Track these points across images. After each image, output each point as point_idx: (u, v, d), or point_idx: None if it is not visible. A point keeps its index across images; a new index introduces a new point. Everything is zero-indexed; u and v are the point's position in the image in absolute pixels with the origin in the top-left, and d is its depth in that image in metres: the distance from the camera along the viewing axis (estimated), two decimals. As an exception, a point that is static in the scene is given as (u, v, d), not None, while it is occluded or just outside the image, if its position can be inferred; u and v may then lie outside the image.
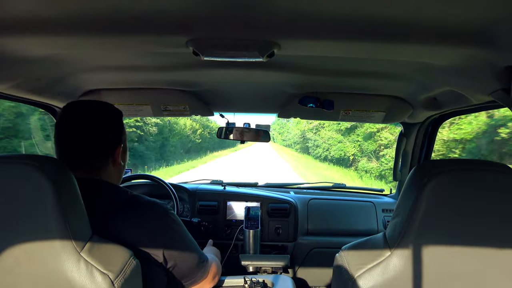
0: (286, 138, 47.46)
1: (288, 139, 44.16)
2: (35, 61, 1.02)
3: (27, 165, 0.72)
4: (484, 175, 0.71)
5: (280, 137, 55.06)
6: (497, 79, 0.89)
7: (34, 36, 0.84)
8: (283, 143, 49.94)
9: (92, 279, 0.73)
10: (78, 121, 0.97)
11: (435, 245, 0.72)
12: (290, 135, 41.38)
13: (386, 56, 0.98)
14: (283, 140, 51.08)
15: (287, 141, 45.88)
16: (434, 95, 1.38)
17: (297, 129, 30.42)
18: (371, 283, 0.75)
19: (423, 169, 0.74)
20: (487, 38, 0.76)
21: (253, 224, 1.91)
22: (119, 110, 1.06)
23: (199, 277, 1.06)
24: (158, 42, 0.91)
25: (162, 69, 1.28)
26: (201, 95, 1.65)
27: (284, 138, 49.75)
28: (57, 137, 0.98)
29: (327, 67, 1.23)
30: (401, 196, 0.78)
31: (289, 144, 42.46)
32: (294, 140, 35.09)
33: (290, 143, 41.68)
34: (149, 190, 2.08)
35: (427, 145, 1.91)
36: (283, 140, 51.22)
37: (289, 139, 41.60)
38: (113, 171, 1.02)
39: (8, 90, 1.18)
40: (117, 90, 1.56)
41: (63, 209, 0.72)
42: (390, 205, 2.16)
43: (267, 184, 2.49)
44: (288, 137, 43.48)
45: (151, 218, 0.95)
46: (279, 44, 0.88)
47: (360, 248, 0.84)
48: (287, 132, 46.80)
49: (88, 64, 1.21)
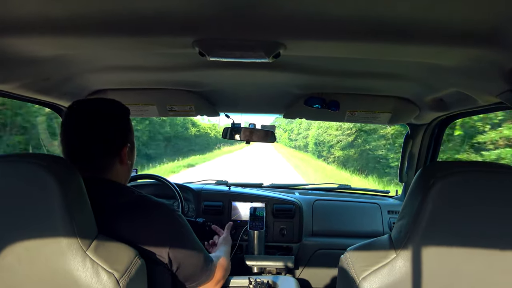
0: (296, 137, 36.14)
1: (298, 138, 34.26)
2: (42, 61, 1.03)
3: (34, 164, 0.73)
4: (490, 177, 0.70)
5: (286, 136, 43.72)
6: (505, 80, 0.88)
7: (41, 37, 0.85)
8: (291, 143, 39.30)
9: (98, 278, 0.74)
10: (84, 119, 0.97)
11: (441, 246, 0.71)
12: (303, 133, 30.72)
13: (392, 56, 0.98)
14: (291, 140, 40.59)
15: (297, 141, 35.16)
16: (441, 96, 1.37)
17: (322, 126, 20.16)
18: (376, 285, 0.74)
19: (429, 171, 0.74)
20: (495, 39, 0.75)
21: (258, 225, 1.91)
22: (126, 108, 1.06)
23: (203, 279, 1.05)
24: (164, 42, 0.92)
25: (168, 70, 1.29)
26: (206, 95, 1.65)
27: (294, 136, 38.25)
28: (63, 135, 0.98)
29: (332, 67, 1.23)
30: (407, 198, 0.77)
31: (300, 145, 32.06)
32: (315, 140, 23.27)
33: (301, 144, 31.36)
34: (154, 190, 2.09)
35: (434, 147, 1.90)
36: (290, 139, 41.16)
37: (300, 139, 31.76)
38: (120, 170, 1.02)
39: (16, 90, 1.20)
40: (123, 90, 1.57)
41: (70, 208, 0.73)
42: (396, 206, 2.14)
43: (272, 184, 2.48)
44: (300, 136, 32.80)
45: (157, 219, 0.95)
46: (285, 44, 0.88)
47: (366, 249, 0.83)
48: (298, 129, 35.32)
49: (95, 64, 1.22)
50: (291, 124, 39.21)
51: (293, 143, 38.69)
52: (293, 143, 38.58)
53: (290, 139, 41.68)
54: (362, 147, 14.11)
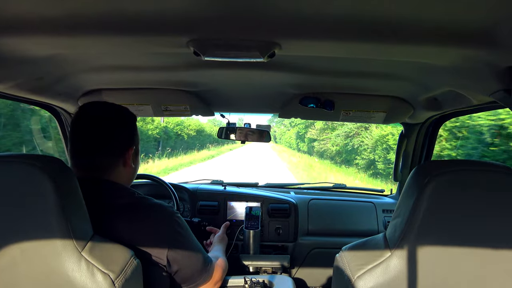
0: (320, 135, 21.41)
1: (320, 138, 21.03)
2: (36, 61, 1.02)
3: (28, 165, 0.72)
4: (484, 175, 0.71)
5: (293, 132, 30.78)
6: (498, 79, 0.89)
7: (34, 36, 0.84)
8: (301, 145, 26.91)
9: (93, 278, 0.73)
10: (91, 122, 0.99)
11: (436, 245, 0.71)
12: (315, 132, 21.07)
13: (387, 56, 0.98)
14: (301, 139, 27.04)
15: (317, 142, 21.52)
16: (435, 96, 1.38)
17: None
18: (371, 283, 0.75)
19: (423, 169, 0.74)
20: (489, 39, 0.76)
21: (253, 224, 1.91)
22: (133, 114, 1.08)
23: (202, 281, 1.05)
24: (158, 42, 0.91)
25: (162, 69, 1.28)
26: (201, 95, 1.65)
27: (315, 134, 22.65)
28: (70, 136, 1.00)
29: (327, 67, 1.23)
30: (402, 197, 0.78)
31: (303, 148, 24.55)
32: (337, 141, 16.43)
33: (305, 147, 24.02)
34: (150, 190, 2.08)
35: (428, 146, 1.91)
36: (300, 138, 27.58)
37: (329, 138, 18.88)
38: (123, 172, 1.03)
39: (9, 90, 1.19)
40: (117, 90, 1.56)
41: (64, 208, 0.72)
42: (391, 205, 2.15)
43: (268, 184, 2.49)
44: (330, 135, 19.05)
45: (156, 220, 0.95)
46: (280, 44, 0.88)
47: (360, 248, 0.84)
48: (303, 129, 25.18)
49: (89, 64, 1.21)
50: (293, 122, 26.64)
51: (305, 145, 24.29)
52: (306, 146, 24.13)
53: (300, 138, 26.52)
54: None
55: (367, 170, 13.30)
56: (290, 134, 33.36)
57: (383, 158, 11.87)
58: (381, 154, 11.99)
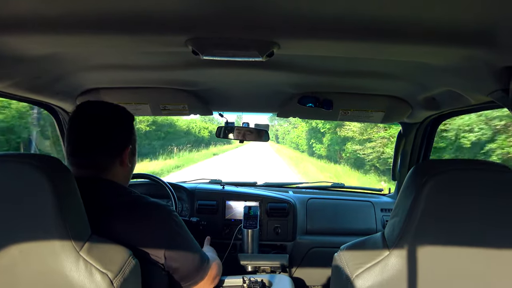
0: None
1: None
2: (34, 60, 1.02)
3: (25, 164, 0.72)
4: (482, 175, 0.71)
5: (303, 131, 24.95)
6: (496, 79, 0.89)
7: (33, 35, 0.84)
8: (318, 146, 19.48)
9: (91, 278, 0.73)
10: (89, 120, 1.00)
11: (434, 244, 0.72)
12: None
13: (385, 56, 0.98)
14: (317, 140, 19.53)
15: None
16: (433, 95, 1.38)
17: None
18: (369, 282, 0.75)
19: (421, 169, 0.74)
20: (486, 39, 0.76)
21: (252, 224, 1.91)
22: (130, 113, 1.09)
23: (199, 278, 1.05)
24: (157, 41, 0.91)
25: (161, 68, 1.28)
26: (200, 94, 1.65)
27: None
28: (67, 134, 1.01)
29: (326, 67, 1.23)
30: (400, 196, 0.78)
31: (319, 151, 18.46)
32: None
33: (323, 150, 17.65)
34: (148, 189, 2.08)
35: (426, 145, 1.91)
36: (314, 137, 20.41)
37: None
38: (120, 172, 1.03)
39: (7, 89, 1.18)
40: (116, 89, 1.56)
41: (62, 208, 0.72)
42: (389, 204, 2.16)
43: (266, 183, 2.48)
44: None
45: (154, 219, 0.95)
46: (279, 43, 0.88)
47: (359, 247, 0.84)
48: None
49: (87, 63, 1.21)
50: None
51: (322, 148, 18.42)
52: (323, 148, 18.35)
53: (315, 136, 20.41)
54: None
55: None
56: (298, 133, 28.33)
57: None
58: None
